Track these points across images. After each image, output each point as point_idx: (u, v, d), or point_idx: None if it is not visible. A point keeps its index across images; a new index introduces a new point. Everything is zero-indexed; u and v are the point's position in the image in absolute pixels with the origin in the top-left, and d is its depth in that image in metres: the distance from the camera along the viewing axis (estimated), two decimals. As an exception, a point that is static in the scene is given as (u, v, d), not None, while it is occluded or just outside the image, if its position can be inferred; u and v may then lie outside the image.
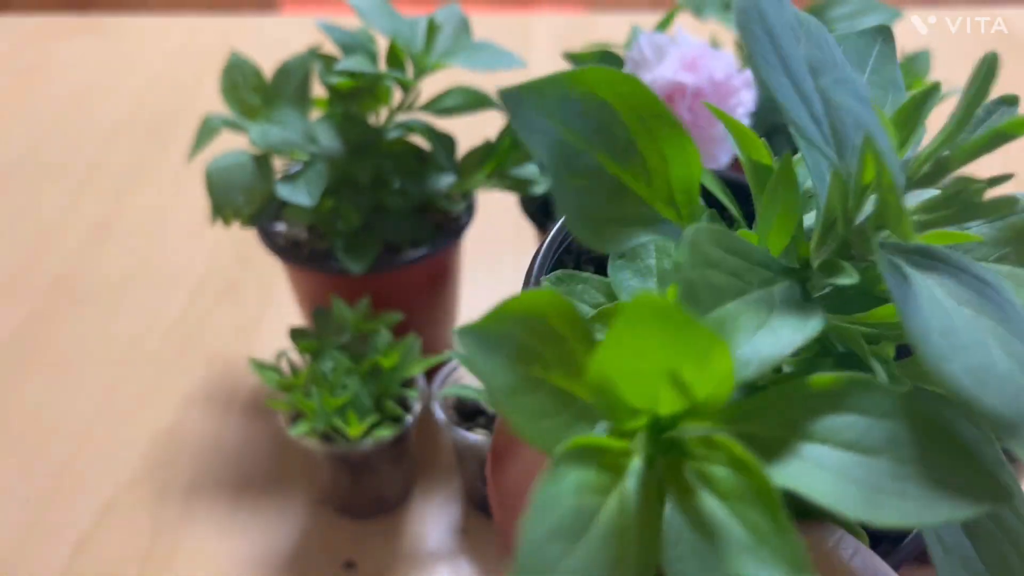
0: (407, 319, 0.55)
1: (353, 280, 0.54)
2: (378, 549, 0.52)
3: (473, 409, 0.53)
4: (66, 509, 0.55)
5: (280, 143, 0.49)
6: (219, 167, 0.50)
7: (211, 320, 0.69)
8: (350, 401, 0.49)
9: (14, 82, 1.07)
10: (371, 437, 0.48)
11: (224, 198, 0.50)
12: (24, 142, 0.94)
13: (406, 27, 0.53)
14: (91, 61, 1.11)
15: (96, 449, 0.59)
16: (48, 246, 0.78)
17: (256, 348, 0.67)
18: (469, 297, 0.69)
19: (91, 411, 0.62)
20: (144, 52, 1.13)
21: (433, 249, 0.55)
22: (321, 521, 0.54)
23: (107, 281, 0.74)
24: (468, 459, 0.51)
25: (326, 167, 0.52)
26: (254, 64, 0.53)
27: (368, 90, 0.54)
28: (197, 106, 0.99)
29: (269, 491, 0.56)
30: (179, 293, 0.72)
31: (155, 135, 0.95)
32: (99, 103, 1.02)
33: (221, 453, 0.58)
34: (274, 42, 1.09)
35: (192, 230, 0.80)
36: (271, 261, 0.72)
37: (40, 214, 0.83)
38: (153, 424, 0.60)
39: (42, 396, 0.63)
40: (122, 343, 0.67)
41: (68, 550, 0.52)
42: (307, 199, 0.50)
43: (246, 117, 0.53)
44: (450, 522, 0.53)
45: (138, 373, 0.65)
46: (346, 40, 0.53)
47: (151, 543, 0.52)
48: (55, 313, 0.71)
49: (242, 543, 0.52)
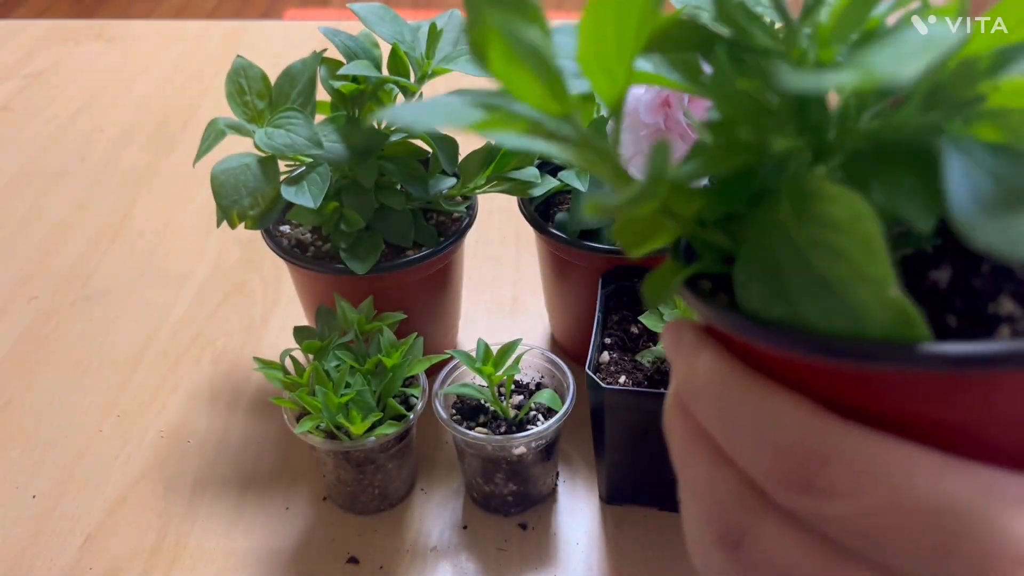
0: (409, 319, 0.56)
1: (356, 280, 0.55)
2: (381, 545, 0.53)
3: (474, 407, 0.54)
4: (75, 505, 0.56)
5: (285, 146, 0.50)
6: (225, 170, 0.51)
7: (217, 320, 0.70)
8: (353, 399, 0.49)
9: (24, 86, 1.08)
10: (374, 435, 0.49)
11: (230, 201, 0.51)
12: (34, 145, 0.96)
13: (408, 32, 0.54)
14: (99, 65, 1.12)
15: (104, 446, 0.60)
16: (57, 247, 0.79)
17: (261, 347, 0.68)
18: (470, 297, 0.70)
19: (99, 409, 0.63)
20: (151, 57, 1.14)
21: (435, 250, 0.56)
22: (325, 517, 0.55)
23: (115, 282, 0.75)
24: (469, 456, 0.52)
25: (330, 170, 0.53)
26: (259, 68, 0.54)
27: (371, 94, 0.55)
28: (204, 110, 1.00)
29: (273, 488, 0.57)
30: (186, 293, 0.73)
31: (162, 138, 0.96)
32: (107, 107, 1.03)
33: (227, 450, 0.59)
34: (279, 47, 1.10)
35: (199, 232, 0.81)
36: (276, 262, 0.73)
37: (49, 216, 0.84)
38: (160, 422, 0.61)
39: (52, 394, 0.64)
40: (130, 342, 0.68)
41: (76, 545, 0.53)
42: (311, 201, 0.50)
43: (251, 121, 0.54)
44: (452, 518, 0.54)
45: (145, 372, 0.66)
46: (349, 45, 0.54)
47: (158, 539, 0.53)
48: (64, 313, 0.72)
49: (247, 539, 0.53)
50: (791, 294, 0.19)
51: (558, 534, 0.53)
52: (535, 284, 0.71)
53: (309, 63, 0.53)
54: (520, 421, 0.52)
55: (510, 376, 0.52)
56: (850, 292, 0.18)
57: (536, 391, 0.54)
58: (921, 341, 0.18)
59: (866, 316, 0.18)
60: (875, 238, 0.18)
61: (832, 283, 0.18)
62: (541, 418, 0.53)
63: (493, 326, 0.69)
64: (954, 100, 0.20)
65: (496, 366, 0.51)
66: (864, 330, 0.18)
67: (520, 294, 0.72)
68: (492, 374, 0.51)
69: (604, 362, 0.52)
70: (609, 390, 0.48)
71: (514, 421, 0.52)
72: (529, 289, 0.72)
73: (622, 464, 0.52)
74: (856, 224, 0.18)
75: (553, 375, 0.55)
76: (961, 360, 0.18)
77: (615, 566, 0.51)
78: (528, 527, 0.54)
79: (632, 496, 0.54)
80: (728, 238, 0.22)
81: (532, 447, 0.51)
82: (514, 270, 0.75)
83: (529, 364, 0.56)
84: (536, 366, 0.56)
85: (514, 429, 0.52)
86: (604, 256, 0.56)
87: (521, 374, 0.55)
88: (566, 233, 0.57)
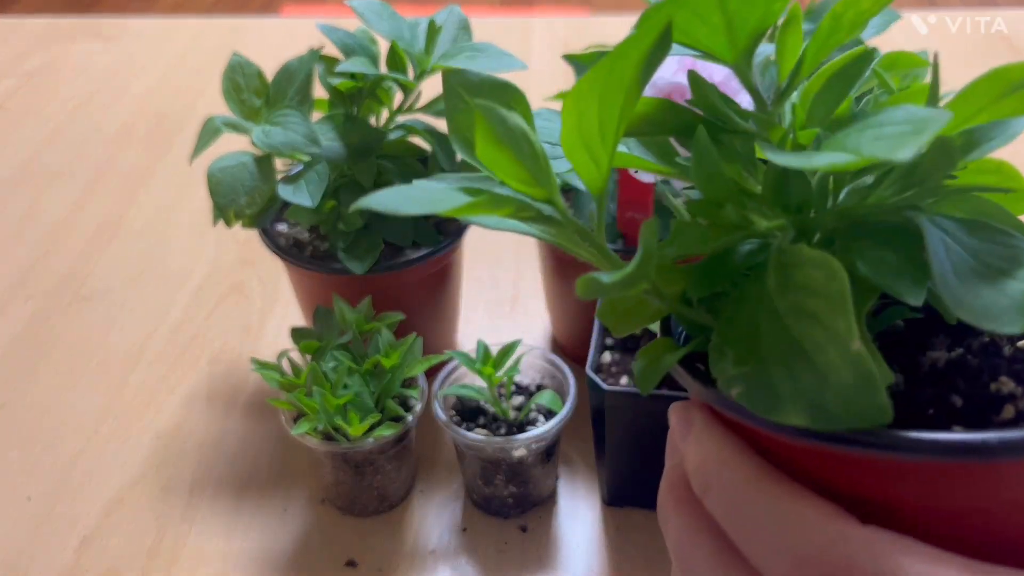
0: (408, 319, 0.55)
1: (354, 280, 0.54)
2: (379, 548, 0.52)
3: (474, 409, 0.53)
4: (72, 506, 0.55)
5: (282, 144, 0.50)
6: (221, 168, 0.51)
7: (214, 320, 0.70)
8: (351, 401, 0.49)
9: (20, 84, 1.07)
10: (372, 436, 0.49)
11: (226, 199, 0.51)
12: (30, 144, 0.95)
13: (407, 29, 0.54)
14: (96, 63, 1.12)
15: (101, 447, 0.59)
16: (54, 247, 0.79)
17: (259, 348, 0.67)
18: (469, 297, 0.69)
19: (96, 410, 0.62)
20: (148, 54, 1.14)
21: (434, 250, 0.56)
22: (323, 520, 0.54)
23: (112, 281, 0.75)
24: (468, 458, 0.52)
25: (327, 168, 0.52)
26: (256, 65, 0.54)
27: (369, 91, 0.54)
28: (201, 107, 1.00)
29: (271, 489, 0.56)
30: (183, 293, 0.73)
31: (159, 136, 0.96)
32: (104, 105, 1.02)
33: (224, 452, 0.59)
34: (276, 44, 1.10)
35: (196, 231, 0.81)
36: (273, 262, 0.72)
37: (46, 215, 0.83)
38: (157, 423, 0.61)
39: (48, 395, 0.64)
40: (127, 343, 0.68)
41: (74, 547, 0.53)
42: (309, 200, 0.50)
43: (248, 118, 0.53)
44: (451, 521, 0.54)
45: (142, 372, 0.65)
46: (347, 42, 0.53)
47: (155, 540, 0.53)
48: (61, 313, 0.71)
49: (244, 541, 0.53)
50: (763, 356, 0.19)
51: (558, 536, 0.53)
52: (535, 284, 0.71)
53: (306, 60, 0.53)
54: (520, 423, 0.52)
55: (510, 377, 0.51)
56: (820, 354, 0.18)
57: (536, 392, 0.54)
58: (881, 409, 0.18)
59: (830, 375, 0.18)
60: (843, 294, 0.18)
61: (806, 347, 0.19)
62: (541, 419, 0.52)
63: (493, 326, 0.69)
64: (930, 179, 0.21)
65: (496, 367, 0.51)
66: (825, 394, 0.18)
67: (520, 294, 0.72)
68: (492, 375, 0.50)
69: (605, 363, 0.52)
70: (610, 391, 0.47)
71: (514, 422, 0.52)
72: (529, 289, 0.72)
73: (623, 466, 0.52)
74: (830, 284, 0.19)
75: (553, 376, 0.54)
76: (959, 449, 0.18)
77: (616, 569, 0.51)
78: (528, 529, 0.53)
79: (633, 498, 0.54)
80: (712, 317, 0.23)
81: (532, 449, 0.50)
82: (514, 270, 0.75)
83: (529, 365, 0.55)
84: (536, 367, 0.55)
85: (514, 431, 0.51)
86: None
87: (521, 375, 0.55)
88: (566, 232, 0.56)
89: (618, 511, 0.54)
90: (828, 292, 0.19)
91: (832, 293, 0.18)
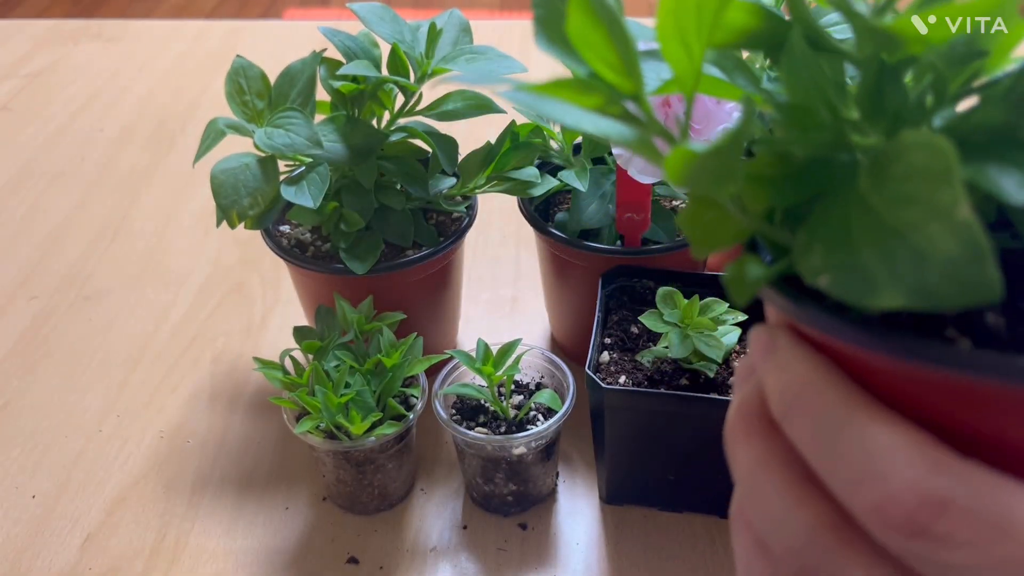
0: (409, 318, 0.56)
1: (356, 280, 0.55)
2: (380, 545, 0.53)
3: (474, 407, 0.54)
4: (74, 505, 0.56)
5: (284, 146, 0.50)
6: (224, 170, 0.51)
7: (217, 320, 0.70)
8: (353, 399, 0.49)
9: (23, 85, 1.08)
10: (374, 435, 0.49)
11: (229, 200, 0.51)
12: (33, 144, 0.95)
13: (408, 32, 0.54)
14: (98, 65, 1.12)
15: (104, 446, 0.60)
16: (57, 247, 0.79)
17: (261, 347, 0.68)
18: (470, 297, 0.70)
19: (99, 409, 0.63)
20: (150, 57, 1.14)
21: (435, 250, 0.56)
22: (324, 518, 0.54)
23: (114, 281, 0.75)
24: (469, 456, 0.52)
25: (329, 170, 0.52)
26: (259, 68, 0.54)
27: (371, 94, 0.55)
28: (203, 110, 1.00)
29: (273, 488, 0.57)
30: (186, 293, 0.73)
31: (162, 138, 0.96)
32: (106, 106, 1.03)
33: (226, 450, 0.59)
34: (278, 46, 1.10)
35: (198, 232, 0.81)
36: (276, 262, 0.73)
37: (48, 215, 0.84)
38: (160, 422, 0.61)
39: (51, 394, 0.64)
40: (129, 342, 0.68)
41: (76, 545, 0.53)
42: (311, 201, 0.50)
43: (251, 121, 0.53)
44: (452, 518, 0.54)
45: (145, 371, 0.66)
46: (349, 45, 0.54)
47: (158, 538, 0.53)
48: (63, 313, 0.72)
49: (247, 539, 0.53)
50: (854, 245, 0.18)
51: (558, 534, 0.53)
52: (535, 284, 0.71)
53: (309, 63, 0.53)
54: (520, 421, 0.52)
55: (510, 376, 0.52)
56: (918, 232, 0.17)
57: (536, 391, 0.54)
58: (990, 283, 0.16)
59: (930, 253, 0.16)
60: (948, 167, 0.17)
61: (900, 228, 0.17)
62: (541, 418, 0.52)
63: (493, 326, 0.69)
64: None
65: (496, 366, 0.51)
66: (926, 269, 0.16)
67: (520, 294, 0.72)
68: (492, 374, 0.51)
69: (604, 362, 0.52)
70: (609, 390, 0.48)
71: (514, 421, 0.52)
72: (529, 289, 0.72)
73: (622, 464, 0.52)
74: (933, 161, 0.17)
75: (553, 375, 0.55)
76: None
77: (615, 566, 0.51)
78: (528, 527, 0.54)
79: (632, 496, 0.54)
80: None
81: (532, 447, 0.51)
82: (514, 270, 0.75)
83: (529, 364, 0.56)
84: (536, 366, 0.56)
85: (514, 429, 0.52)
86: (604, 256, 0.56)
87: (521, 374, 0.55)
88: (566, 233, 0.57)
89: (617, 509, 0.54)
90: (930, 170, 0.17)
91: (935, 169, 0.17)
